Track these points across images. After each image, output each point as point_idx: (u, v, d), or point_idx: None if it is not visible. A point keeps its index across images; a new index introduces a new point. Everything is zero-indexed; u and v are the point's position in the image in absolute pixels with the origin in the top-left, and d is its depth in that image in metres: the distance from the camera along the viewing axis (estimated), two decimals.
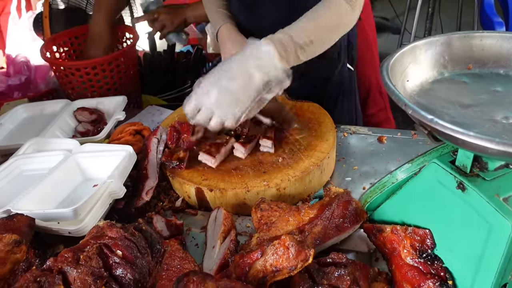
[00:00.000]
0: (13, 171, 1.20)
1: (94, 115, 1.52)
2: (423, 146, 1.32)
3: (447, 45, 0.81)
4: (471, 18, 3.81)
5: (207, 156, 1.16)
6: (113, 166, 1.08)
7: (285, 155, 1.17)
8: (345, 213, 0.94)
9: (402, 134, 1.38)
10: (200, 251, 1.02)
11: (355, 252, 0.98)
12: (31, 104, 1.62)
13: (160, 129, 1.26)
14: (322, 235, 0.93)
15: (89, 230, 0.89)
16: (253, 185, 1.08)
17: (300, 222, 0.95)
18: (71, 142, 1.24)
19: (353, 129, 1.43)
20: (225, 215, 1.00)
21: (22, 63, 1.98)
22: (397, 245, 0.85)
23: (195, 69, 2.35)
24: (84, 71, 1.69)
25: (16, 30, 2.43)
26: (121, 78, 1.80)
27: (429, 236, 0.80)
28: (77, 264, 0.75)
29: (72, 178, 1.15)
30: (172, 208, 1.15)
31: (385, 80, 0.68)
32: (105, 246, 0.79)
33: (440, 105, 0.73)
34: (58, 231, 0.98)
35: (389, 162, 1.27)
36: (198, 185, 1.10)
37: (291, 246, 0.79)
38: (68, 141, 1.25)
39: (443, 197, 0.76)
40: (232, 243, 0.93)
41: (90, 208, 0.98)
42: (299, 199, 1.14)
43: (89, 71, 1.70)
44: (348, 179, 1.22)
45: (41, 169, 1.17)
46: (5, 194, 1.12)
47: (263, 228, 0.95)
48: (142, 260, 0.80)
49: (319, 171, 1.14)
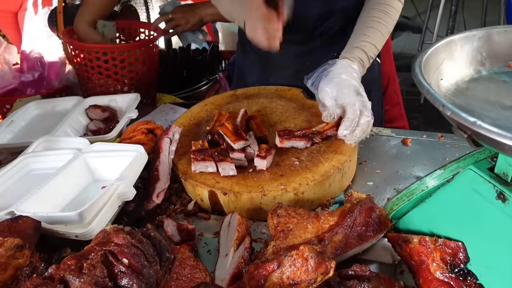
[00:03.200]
0: (22, 169, 1.16)
1: (106, 112, 1.48)
2: (450, 150, 1.24)
3: (485, 40, 0.73)
4: (496, 17, 3.70)
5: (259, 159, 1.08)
6: (123, 167, 1.03)
7: (303, 157, 1.11)
8: (368, 221, 0.88)
9: (428, 136, 1.30)
10: (213, 258, 0.96)
11: (378, 263, 0.91)
12: (43, 101, 1.59)
13: (173, 128, 1.21)
14: (343, 245, 0.87)
15: (96, 233, 0.84)
16: (270, 189, 1.02)
17: (319, 229, 0.89)
18: (81, 141, 1.19)
19: (375, 130, 1.36)
20: (239, 221, 0.94)
21: (36, 59, 1.96)
22: (425, 258, 0.78)
23: (210, 66, 2.31)
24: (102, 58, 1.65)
25: (31, 26, 2.41)
26: (139, 73, 1.75)
27: (462, 249, 0.74)
28: (80, 272, 0.70)
29: (80, 178, 1.11)
30: (184, 212, 1.10)
31: (418, 78, 0.61)
32: (111, 254, 0.74)
33: (479, 106, 0.66)
34: (64, 234, 0.93)
35: (414, 166, 1.19)
36: (212, 188, 1.05)
37: (310, 258, 0.73)
38: (78, 140, 1.21)
39: (480, 208, 0.69)
40: (246, 251, 0.87)
41: (98, 211, 0.93)
42: (318, 205, 1.07)
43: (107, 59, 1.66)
44: (370, 183, 1.15)
45: (50, 168, 1.13)
46: (12, 194, 1.08)
47: (280, 236, 0.89)
48: (150, 269, 0.74)
49: (339, 175, 1.07)
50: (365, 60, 1.21)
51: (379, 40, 1.24)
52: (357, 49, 1.21)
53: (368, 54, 1.21)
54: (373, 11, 1.26)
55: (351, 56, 1.20)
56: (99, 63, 1.66)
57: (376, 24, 1.23)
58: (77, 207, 0.92)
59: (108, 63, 1.67)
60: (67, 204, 1.04)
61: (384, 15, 1.24)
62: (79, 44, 1.72)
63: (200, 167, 1.09)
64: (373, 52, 1.22)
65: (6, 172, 1.13)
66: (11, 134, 1.44)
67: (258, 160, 1.08)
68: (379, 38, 1.23)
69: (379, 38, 1.23)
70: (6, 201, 1.05)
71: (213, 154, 1.10)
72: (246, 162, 1.11)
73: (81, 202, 1.04)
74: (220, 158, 1.08)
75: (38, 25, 2.32)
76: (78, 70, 1.79)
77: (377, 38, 1.23)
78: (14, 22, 3.05)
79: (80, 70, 1.76)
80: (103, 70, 1.68)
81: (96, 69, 1.68)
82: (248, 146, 1.12)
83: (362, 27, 1.25)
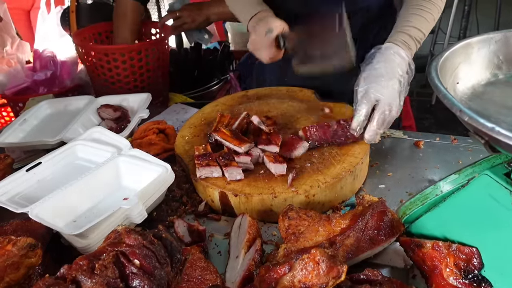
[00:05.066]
0: (70, 156, 1.19)
1: (118, 112, 1.49)
2: (463, 153, 1.22)
3: (502, 43, 0.72)
4: (510, 17, 3.64)
5: (273, 164, 1.07)
6: (147, 181, 1.02)
7: (315, 160, 1.10)
8: (380, 224, 0.87)
9: (441, 139, 1.29)
10: (223, 259, 0.96)
11: (390, 268, 0.90)
12: (55, 100, 1.60)
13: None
14: (355, 248, 0.86)
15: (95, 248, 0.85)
16: (281, 191, 1.01)
17: (330, 233, 0.89)
18: (124, 142, 1.18)
19: (387, 132, 1.35)
20: (250, 223, 0.94)
21: (49, 58, 1.97)
22: (438, 263, 0.77)
23: (221, 66, 2.30)
24: (112, 57, 1.65)
25: (44, 25, 2.43)
26: (149, 70, 1.76)
27: (477, 255, 0.73)
28: (92, 273, 0.70)
29: (107, 184, 1.10)
30: (195, 212, 1.10)
31: (434, 82, 0.60)
32: (122, 255, 0.74)
33: (495, 110, 0.65)
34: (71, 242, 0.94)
35: (426, 168, 1.18)
36: (222, 189, 1.04)
37: (322, 261, 0.72)
38: (122, 141, 1.19)
39: (495, 213, 0.68)
40: (257, 254, 0.87)
41: (102, 229, 0.93)
42: (329, 207, 1.07)
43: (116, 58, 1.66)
44: (381, 186, 1.14)
45: (90, 161, 1.17)
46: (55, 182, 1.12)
47: (291, 239, 0.89)
48: (161, 271, 0.74)
49: (351, 178, 1.07)
50: (410, 43, 1.18)
51: (423, 24, 1.20)
52: (401, 33, 1.18)
53: (413, 36, 1.18)
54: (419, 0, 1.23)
55: (395, 39, 1.17)
56: (110, 66, 1.66)
57: (418, 11, 1.20)
58: (92, 217, 0.93)
59: (118, 61, 1.67)
60: (84, 211, 1.03)
61: (426, 3, 1.21)
62: (90, 47, 1.73)
63: (205, 173, 1.08)
64: (418, 36, 1.19)
65: (55, 157, 1.17)
66: (23, 132, 1.45)
67: (277, 166, 1.05)
68: (423, 22, 1.20)
69: (423, 22, 1.20)
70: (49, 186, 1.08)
71: (217, 158, 1.09)
72: (252, 165, 1.10)
73: (100, 211, 1.02)
74: (225, 162, 1.07)
75: (50, 24, 2.34)
76: (89, 70, 1.80)
77: (420, 23, 1.20)
78: (26, 19, 3.08)
79: (91, 70, 1.76)
80: (113, 72, 1.68)
81: (106, 70, 1.69)
82: (253, 148, 1.12)
83: (405, 14, 1.22)
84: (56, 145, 1.31)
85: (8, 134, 1.39)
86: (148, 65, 1.74)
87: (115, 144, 1.18)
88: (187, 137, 1.26)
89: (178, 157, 1.21)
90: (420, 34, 1.19)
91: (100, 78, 1.74)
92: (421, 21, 1.20)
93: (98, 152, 1.17)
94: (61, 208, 1.00)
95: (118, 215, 0.96)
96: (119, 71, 1.69)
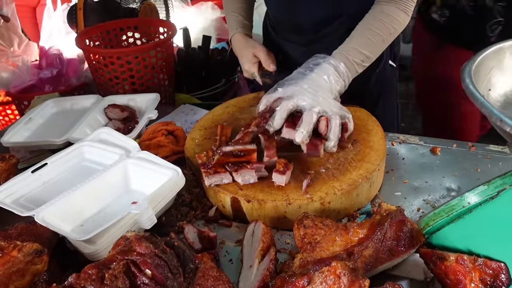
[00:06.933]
0: (77, 157, 1.16)
1: (125, 112, 1.45)
2: (482, 160, 1.19)
3: None
4: None
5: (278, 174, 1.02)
6: (157, 185, 0.98)
7: (329, 165, 1.06)
8: (399, 235, 0.84)
9: (458, 145, 1.25)
10: (235, 268, 0.93)
11: (409, 280, 0.87)
12: (61, 99, 1.56)
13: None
14: (374, 260, 0.83)
15: (104, 255, 0.81)
16: (295, 197, 0.98)
17: (348, 243, 0.85)
18: (132, 144, 1.15)
19: (402, 137, 1.31)
20: (264, 230, 0.90)
21: (55, 55, 1.94)
22: (462, 277, 0.74)
23: (229, 66, 2.27)
24: (118, 62, 1.61)
25: (50, 22, 2.40)
26: (154, 67, 1.71)
27: (505, 271, 0.70)
28: (101, 283, 0.67)
29: (115, 187, 1.06)
30: (205, 218, 1.06)
31: (470, 89, 0.56)
32: (133, 264, 0.70)
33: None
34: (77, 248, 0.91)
35: (444, 176, 1.14)
36: (234, 195, 1.01)
37: (343, 275, 0.69)
38: (130, 142, 1.16)
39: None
40: (271, 263, 0.83)
41: (110, 235, 0.90)
42: (345, 215, 1.03)
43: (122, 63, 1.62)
44: (397, 193, 1.11)
45: (98, 163, 1.13)
46: (62, 184, 1.09)
47: (307, 248, 0.85)
48: (174, 281, 0.71)
49: (367, 185, 1.03)
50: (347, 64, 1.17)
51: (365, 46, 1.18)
52: (338, 53, 1.18)
53: (350, 58, 1.17)
54: (371, 19, 1.21)
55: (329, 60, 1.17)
56: (114, 67, 1.62)
57: (366, 31, 1.19)
58: (100, 222, 0.90)
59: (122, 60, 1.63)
60: (92, 215, 1.00)
61: (377, 22, 1.19)
62: (93, 50, 1.69)
63: (215, 180, 1.04)
64: (357, 58, 1.17)
65: (62, 158, 1.13)
66: (28, 132, 1.41)
67: (277, 176, 1.01)
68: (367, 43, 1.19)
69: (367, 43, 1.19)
70: (56, 189, 1.06)
71: (226, 165, 1.04)
72: (266, 172, 1.05)
73: (107, 216, 0.99)
74: (236, 168, 1.03)
75: (57, 22, 2.32)
76: (92, 70, 1.76)
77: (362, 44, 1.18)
78: (32, 17, 3.06)
79: (96, 71, 1.72)
80: (118, 73, 1.64)
81: (111, 70, 1.64)
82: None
83: (353, 32, 1.22)
84: (62, 145, 1.28)
85: (13, 133, 1.36)
86: (154, 67, 1.70)
87: (123, 146, 1.15)
88: (197, 139, 1.23)
89: (188, 160, 1.18)
90: (361, 56, 1.18)
91: (105, 78, 1.70)
92: (364, 42, 1.18)
93: (106, 154, 1.13)
94: (68, 211, 0.96)
95: (127, 220, 0.92)
96: (124, 70, 1.65)
